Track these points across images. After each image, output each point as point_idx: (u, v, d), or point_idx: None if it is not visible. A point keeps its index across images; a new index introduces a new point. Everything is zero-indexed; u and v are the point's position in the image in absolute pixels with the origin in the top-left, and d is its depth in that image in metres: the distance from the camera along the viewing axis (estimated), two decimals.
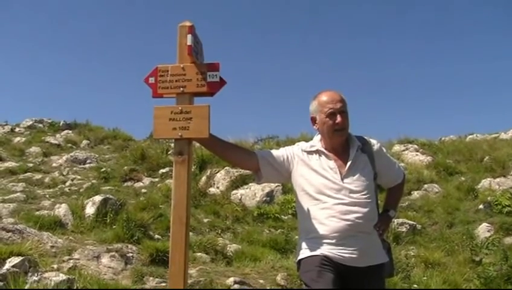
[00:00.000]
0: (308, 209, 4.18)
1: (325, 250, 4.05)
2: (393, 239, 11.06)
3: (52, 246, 8.34)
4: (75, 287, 6.64)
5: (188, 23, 4.05)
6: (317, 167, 4.22)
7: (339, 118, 4.17)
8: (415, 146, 18.36)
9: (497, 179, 14.86)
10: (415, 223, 12.22)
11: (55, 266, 7.43)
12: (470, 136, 22.81)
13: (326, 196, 4.11)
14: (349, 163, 4.18)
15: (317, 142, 4.35)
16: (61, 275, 6.88)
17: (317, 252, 4.06)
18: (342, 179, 4.13)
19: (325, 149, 4.27)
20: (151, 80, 4.17)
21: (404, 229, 11.81)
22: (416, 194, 14.54)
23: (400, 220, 12.05)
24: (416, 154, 17.64)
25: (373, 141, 4.40)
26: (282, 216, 12.28)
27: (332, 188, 4.11)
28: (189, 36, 4.00)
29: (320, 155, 4.26)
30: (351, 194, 4.09)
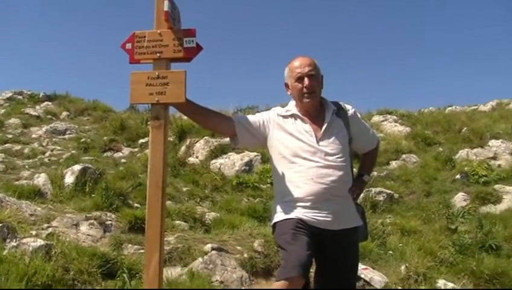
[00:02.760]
0: (283, 173, 4.23)
1: (300, 213, 4.10)
2: (370, 207, 11.15)
3: (31, 214, 8.35)
4: (53, 253, 6.68)
5: None
6: (293, 130, 4.26)
7: (306, 82, 4.23)
8: (394, 117, 18.42)
9: (475, 150, 15.02)
10: (392, 192, 12.33)
11: (34, 233, 7.43)
12: (449, 108, 22.95)
13: (301, 158, 4.16)
14: (324, 126, 4.23)
15: (292, 106, 4.39)
16: (39, 240, 6.89)
17: (292, 215, 4.11)
18: (318, 142, 4.18)
19: (300, 113, 4.32)
20: (128, 45, 4.17)
21: (381, 198, 11.92)
22: (394, 164, 14.66)
23: (378, 189, 12.16)
24: (395, 125, 17.73)
25: (348, 106, 4.45)
26: (261, 185, 12.36)
27: (308, 151, 4.16)
28: (166, 2, 4.01)
29: (295, 119, 4.31)
30: (327, 157, 4.14)
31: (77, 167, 10.45)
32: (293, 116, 4.33)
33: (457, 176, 13.38)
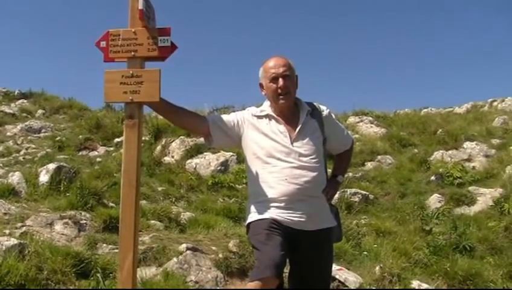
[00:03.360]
0: (257, 173, 4.23)
1: (274, 213, 4.11)
2: (345, 208, 11.20)
3: (4, 213, 8.29)
4: (26, 252, 6.64)
5: None
6: (267, 130, 4.27)
7: (281, 82, 4.23)
8: (370, 118, 18.49)
9: (449, 152, 15.13)
10: (367, 193, 12.39)
11: (7, 232, 7.37)
12: (425, 110, 23.12)
13: (276, 159, 4.17)
14: (299, 127, 4.24)
15: (267, 107, 4.40)
16: (12, 239, 6.84)
17: (266, 216, 4.12)
18: (292, 143, 4.19)
19: (275, 114, 4.32)
20: (103, 44, 4.15)
21: (356, 199, 11.96)
22: (369, 165, 14.74)
23: (353, 190, 12.20)
24: (371, 126, 17.81)
25: (322, 107, 4.46)
26: (237, 185, 12.35)
27: (282, 151, 4.17)
28: (141, 0, 3.99)
29: (270, 119, 4.32)
30: (301, 158, 4.16)
31: (52, 166, 10.36)
32: (267, 116, 4.33)
33: (432, 178, 13.48)
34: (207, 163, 13.26)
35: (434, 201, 12.22)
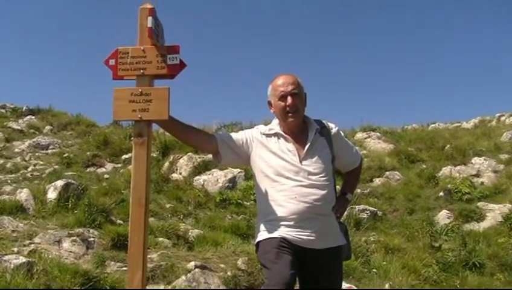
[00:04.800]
0: (266, 191, 4.21)
1: (283, 232, 4.08)
2: (354, 225, 11.15)
3: (13, 231, 8.29)
4: (34, 270, 6.62)
5: (148, 6, 4.05)
6: (276, 149, 4.25)
7: (289, 100, 4.21)
8: (378, 134, 18.43)
9: (458, 167, 15.07)
10: (376, 209, 12.33)
11: (16, 250, 7.38)
12: (432, 125, 23.11)
13: (284, 177, 4.14)
14: (307, 145, 4.22)
15: (275, 125, 4.38)
16: (21, 258, 6.85)
17: (275, 234, 4.09)
18: (301, 161, 4.17)
19: (284, 132, 4.30)
20: (112, 61, 4.15)
21: (365, 216, 11.91)
22: (377, 181, 14.67)
23: (361, 207, 12.15)
24: (379, 142, 17.75)
25: (331, 125, 4.44)
26: (245, 202, 12.30)
27: (291, 170, 4.15)
28: (149, 18, 4.00)
29: (278, 138, 4.30)
30: (310, 176, 4.13)
31: (60, 183, 10.36)
32: (276, 134, 4.31)
33: (441, 193, 13.43)
34: (215, 180, 13.22)
35: (443, 217, 12.17)
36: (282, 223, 4.11)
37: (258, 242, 4.24)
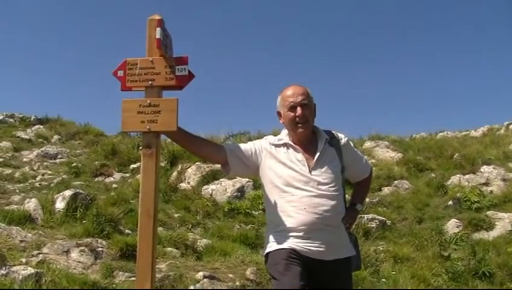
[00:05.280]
0: (275, 202, 4.19)
1: (293, 243, 4.06)
2: (363, 234, 11.12)
3: (21, 241, 8.28)
4: (43, 281, 6.62)
5: (157, 17, 4.05)
6: (285, 159, 4.23)
7: (299, 111, 4.20)
8: (386, 143, 18.42)
9: (467, 176, 15.02)
10: (384, 218, 12.29)
11: (24, 260, 7.38)
12: (441, 134, 23.06)
13: (294, 188, 4.12)
14: (317, 155, 4.20)
15: (284, 135, 4.37)
16: (29, 268, 6.85)
17: (285, 245, 4.08)
18: (310, 171, 4.15)
19: (293, 142, 4.30)
20: (120, 73, 4.15)
21: (374, 225, 11.87)
22: (386, 190, 14.64)
23: (370, 216, 12.11)
24: (387, 151, 17.71)
25: (341, 135, 4.43)
26: (253, 211, 12.28)
27: (301, 180, 4.13)
28: (158, 29, 4.00)
29: (288, 148, 4.28)
30: (319, 186, 4.11)
31: (68, 193, 10.38)
32: (285, 145, 4.30)
33: (450, 202, 13.39)
34: (223, 189, 13.20)
35: (452, 226, 12.12)
36: (291, 234, 4.09)
37: (268, 253, 4.22)
